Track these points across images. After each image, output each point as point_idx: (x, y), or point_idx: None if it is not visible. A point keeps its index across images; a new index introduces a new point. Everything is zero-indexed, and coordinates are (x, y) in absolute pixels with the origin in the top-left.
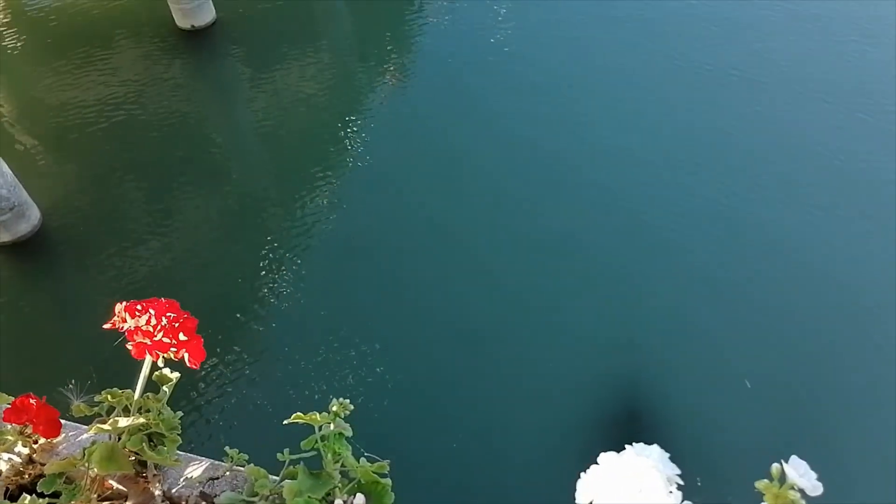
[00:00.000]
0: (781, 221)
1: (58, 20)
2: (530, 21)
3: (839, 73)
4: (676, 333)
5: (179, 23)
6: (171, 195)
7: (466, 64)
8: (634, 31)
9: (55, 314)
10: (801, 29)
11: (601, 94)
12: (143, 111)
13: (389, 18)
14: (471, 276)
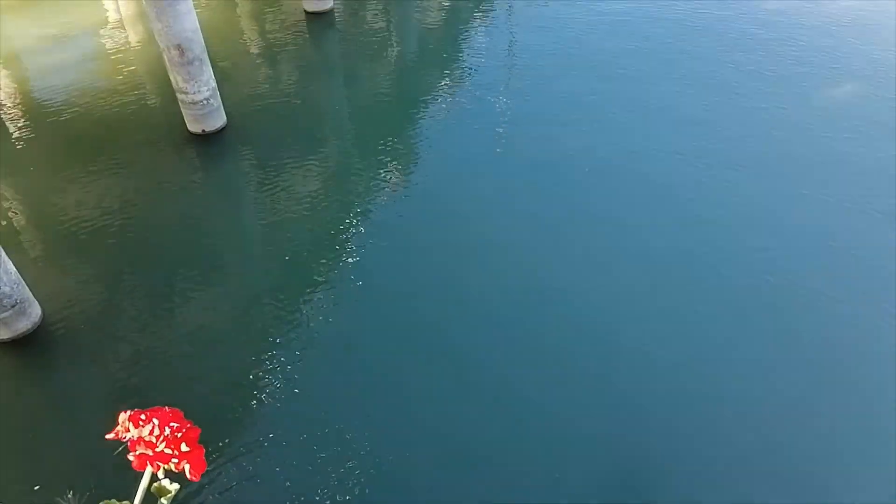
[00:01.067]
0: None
1: (72, 122)
2: (532, 119)
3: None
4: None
5: (191, 127)
6: (174, 294)
7: (468, 166)
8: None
9: (53, 416)
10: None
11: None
12: (150, 211)
13: (391, 121)
14: (476, 391)
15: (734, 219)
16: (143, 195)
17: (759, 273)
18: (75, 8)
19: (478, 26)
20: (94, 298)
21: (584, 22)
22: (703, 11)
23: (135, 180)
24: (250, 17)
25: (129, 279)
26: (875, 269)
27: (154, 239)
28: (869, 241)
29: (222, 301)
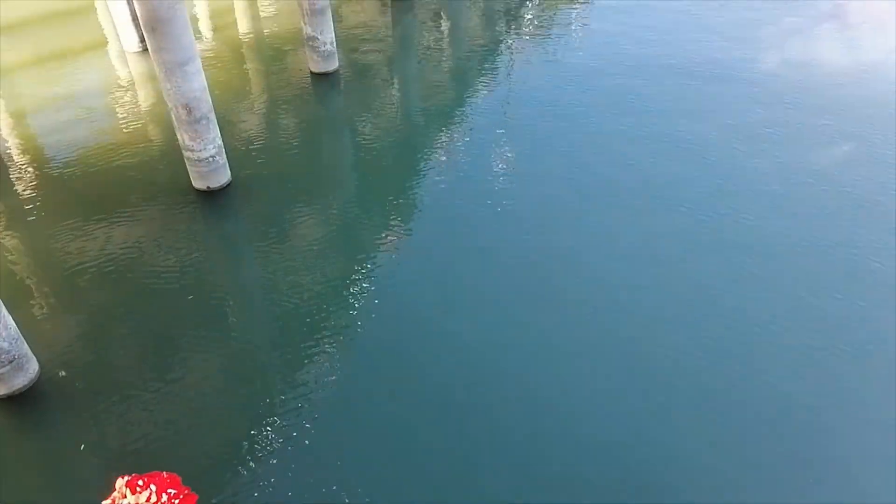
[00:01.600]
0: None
1: (77, 178)
2: (531, 178)
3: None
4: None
5: (196, 184)
6: (174, 352)
7: (467, 223)
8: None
9: (46, 480)
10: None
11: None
12: (152, 268)
13: (392, 178)
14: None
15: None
16: (145, 251)
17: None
18: (87, 68)
19: (480, 87)
20: (92, 355)
21: (586, 86)
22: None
23: (137, 236)
24: (257, 77)
25: (129, 335)
26: None
27: (155, 296)
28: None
29: (222, 359)
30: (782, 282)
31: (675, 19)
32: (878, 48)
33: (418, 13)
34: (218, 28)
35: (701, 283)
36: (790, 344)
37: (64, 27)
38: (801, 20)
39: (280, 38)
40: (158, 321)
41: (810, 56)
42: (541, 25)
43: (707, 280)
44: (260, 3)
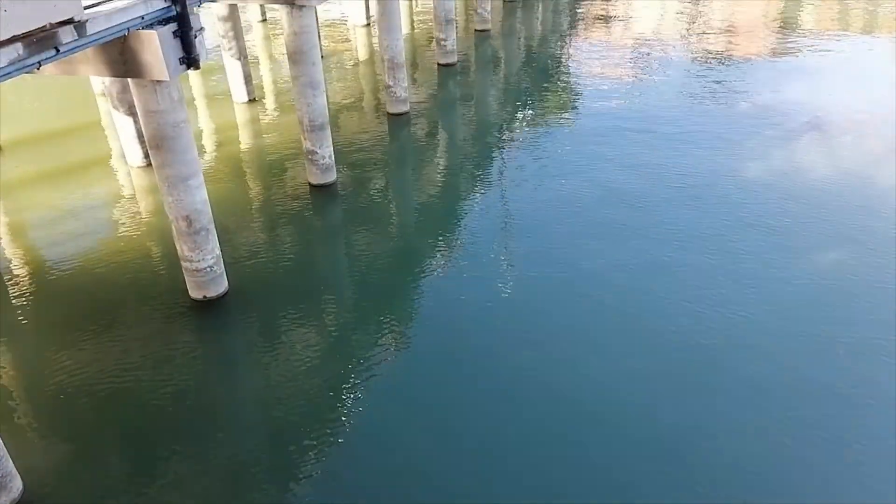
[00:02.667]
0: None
1: (74, 289)
2: (532, 288)
3: None
4: None
5: (193, 294)
6: (163, 470)
7: (461, 333)
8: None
9: None
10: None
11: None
12: (146, 382)
13: (388, 287)
14: None
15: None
16: (138, 363)
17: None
18: (92, 182)
19: (473, 197)
20: (79, 473)
21: (585, 191)
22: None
23: (132, 350)
24: (257, 189)
25: (118, 452)
26: None
27: (147, 409)
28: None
29: (212, 477)
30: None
31: (659, 131)
32: (860, 157)
33: (414, 127)
34: (221, 142)
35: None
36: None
37: (71, 143)
38: (782, 132)
39: (280, 151)
40: (150, 438)
41: (793, 167)
42: (532, 137)
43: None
44: (262, 119)
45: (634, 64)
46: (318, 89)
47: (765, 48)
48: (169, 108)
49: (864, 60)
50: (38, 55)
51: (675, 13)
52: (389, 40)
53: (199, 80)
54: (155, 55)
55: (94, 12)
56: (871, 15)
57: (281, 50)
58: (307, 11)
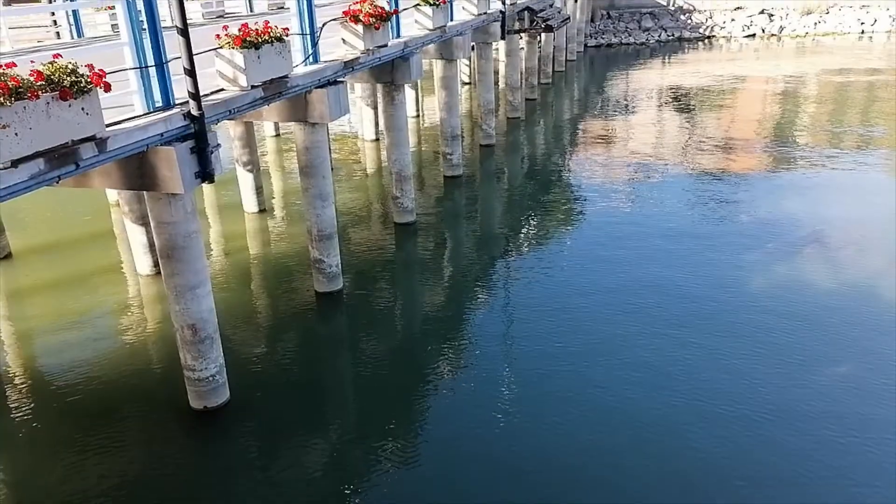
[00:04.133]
0: None
1: (73, 399)
2: (534, 403)
3: None
4: None
5: (194, 404)
6: None
7: (468, 447)
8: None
9: None
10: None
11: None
12: (141, 494)
13: (393, 398)
14: None
15: None
16: (134, 476)
17: None
18: (99, 290)
19: (479, 306)
20: None
21: (585, 303)
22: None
23: (128, 459)
24: (263, 297)
25: None
26: None
27: None
28: None
29: None
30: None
31: (658, 244)
32: (861, 272)
33: (420, 236)
34: (230, 251)
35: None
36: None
37: (82, 251)
38: (783, 246)
39: (287, 259)
40: None
41: (794, 281)
42: (534, 248)
43: None
44: (271, 228)
45: (634, 179)
46: (328, 200)
47: (762, 162)
48: (182, 219)
49: (860, 173)
50: (58, 170)
51: (674, 129)
52: (397, 154)
53: (211, 190)
54: (171, 170)
55: (115, 129)
56: (867, 131)
57: (292, 162)
58: (319, 128)
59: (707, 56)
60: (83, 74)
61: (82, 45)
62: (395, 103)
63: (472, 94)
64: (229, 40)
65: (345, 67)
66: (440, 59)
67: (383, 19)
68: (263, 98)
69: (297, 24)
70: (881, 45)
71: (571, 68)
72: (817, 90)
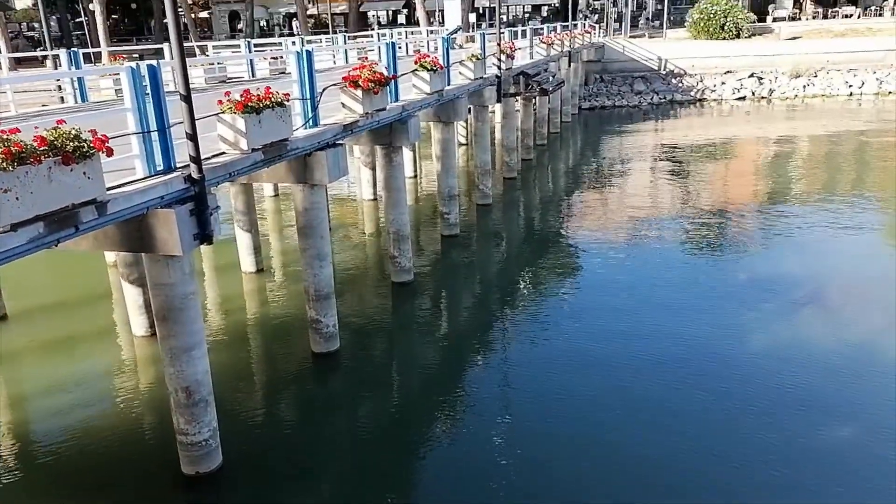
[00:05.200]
0: None
1: (62, 467)
2: (532, 468)
3: None
4: None
5: (185, 469)
6: None
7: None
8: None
9: None
10: None
11: None
12: None
13: (390, 459)
14: None
15: None
16: None
17: None
18: (93, 352)
19: (477, 366)
20: None
21: (582, 366)
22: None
23: None
24: (259, 358)
25: None
26: None
27: None
28: None
29: None
30: None
31: (656, 303)
32: (862, 331)
33: (418, 296)
34: (226, 312)
35: None
36: None
37: (77, 312)
38: (782, 305)
39: (284, 320)
40: None
41: (794, 341)
42: (532, 307)
43: None
44: (268, 289)
45: (629, 238)
46: (326, 260)
47: (758, 216)
48: (179, 281)
49: (853, 232)
50: (57, 233)
51: (668, 188)
52: (395, 214)
53: (208, 250)
54: (171, 232)
55: (116, 193)
56: (859, 191)
57: (291, 222)
58: (318, 189)
59: (699, 118)
60: (86, 139)
61: (86, 109)
62: (394, 164)
63: (469, 154)
64: (231, 105)
65: (344, 130)
66: (438, 122)
67: (382, 84)
68: (263, 161)
69: (297, 90)
70: (870, 106)
71: (566, 129)
72: (809, 150)
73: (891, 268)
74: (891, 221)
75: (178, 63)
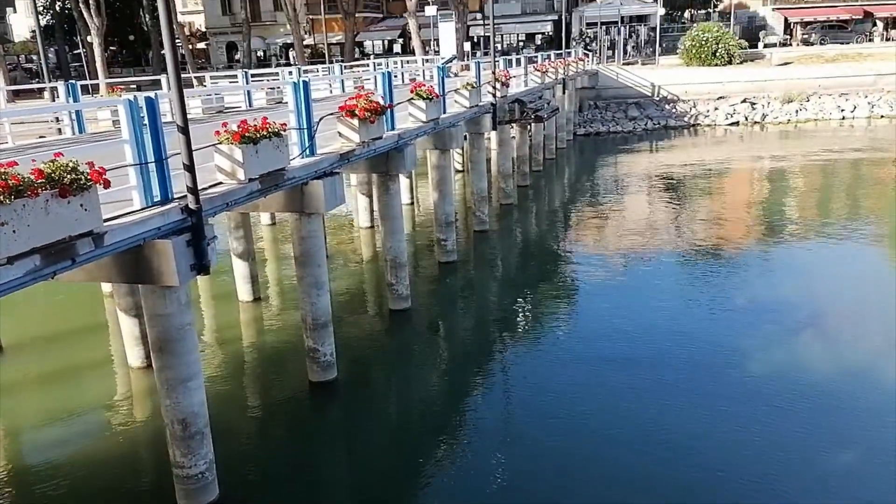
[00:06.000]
0: None
1: (51, 497)
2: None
3: None
4: None
5: (180, 502)
6: None
7: None
8: None
9: None
10: None
11: None
12: None
13: (390, 492)
14: None
15: None
16: None
17: None
18: (89, 384)
19: (475, 396)
20: None
21: (582, 398)
22: None
23: None
24: (256, 388)
25: None
26: None
27: None
28: None
29: None
30: None
31: (656, 329)
32: (860, 355)
33: (415, 323)
34: (223, 341)
35: None
36: None
37: (73, 344)
38: (781, 329)
39: (281, 349)
40: None
41: (795, 366)
42: (530, 335)
43: None
44: (265, 318)
45: (627, 261)
46: (323, 289)
47: (754, 242)
48: (176, 311)
49: (850, 255)
50: (54, 266)
51: (664, 212)
52: (392, 241)
53: (205, 279)
54: (167, 263)
55: (113, 224)
56: (854, 213)
57: (288, 250)
58: (315, 217)
59: (693, 143)
60: (83, 172)
61: (84, 141)
62: (390, 192)
63: (465, 181)
64: (228, 136)
65: (340, 159)
66: (434, 149)
67: (378, 113)
68: (260, 190)
69: (294, 120)
70: (862, 131)
71: (562, 155)
72: (803, 174)
73: (889, 290)
74: (887, 245)
75: (175, 95)
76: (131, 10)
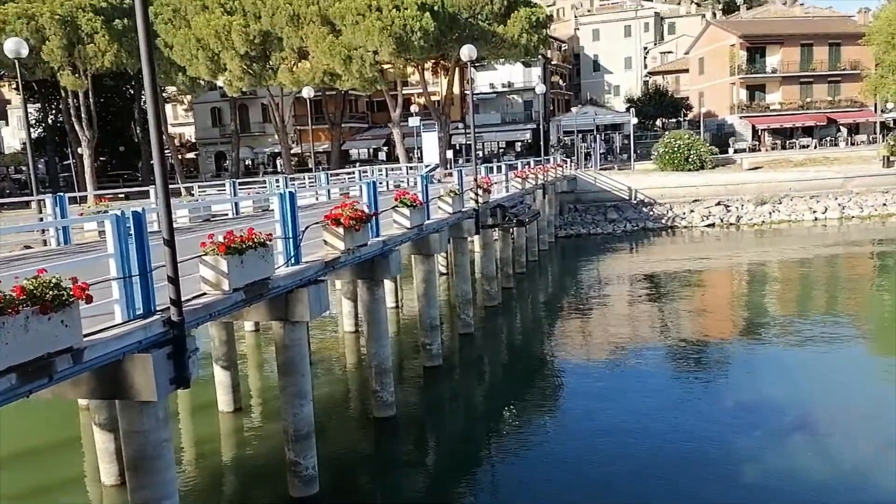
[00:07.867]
0: None
1: None
2: None
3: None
4: None
5: None
6: None
7: None
8: None
9: None
10: None
11: None
12: None
13: None
14: None
15: None
16: None
17: None
18: (57, 502)
19: (464, 501)
20: None
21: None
22: None
23: None
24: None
25: None
26: None
27: None
28: None
29: None
30: None
31: (643, 431)
32: (851, 459)
33: (401, 431)
34: (201, 455)
35: None
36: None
37: (45, 460)
38: (770, 432)
39: (261, 462)
40: None
41: (785, 472)
42: (517, 441)
43: None
44: (245, 429)
45: (611, 363)
46: (306, 398)
47: (736, 342)
48: (153, 427)
49: (836, 347)
50: (30, 384)
51: (646, 313)
52: (377, 347)
53: (185, 389)
54: (146, 377)
55: (93, 339)
56: (833, 313)
57: (271, 357)
58: (299, 325)
59: (671, 244)
60: (66, 288)
61: (69, 252)
62: (375, 298)
63: (450, 283)
64: (214, 247)
65: (326, 267)
66: (419, 254)
67: (363, 221)
68: (244, 300)
69: (280, 229)
70: (835, 231)
71: (544, 257)
72: (781, 274)
73: (872, 389)
74: (869, 342)
75: (162, 208)
76: (122, 123)
